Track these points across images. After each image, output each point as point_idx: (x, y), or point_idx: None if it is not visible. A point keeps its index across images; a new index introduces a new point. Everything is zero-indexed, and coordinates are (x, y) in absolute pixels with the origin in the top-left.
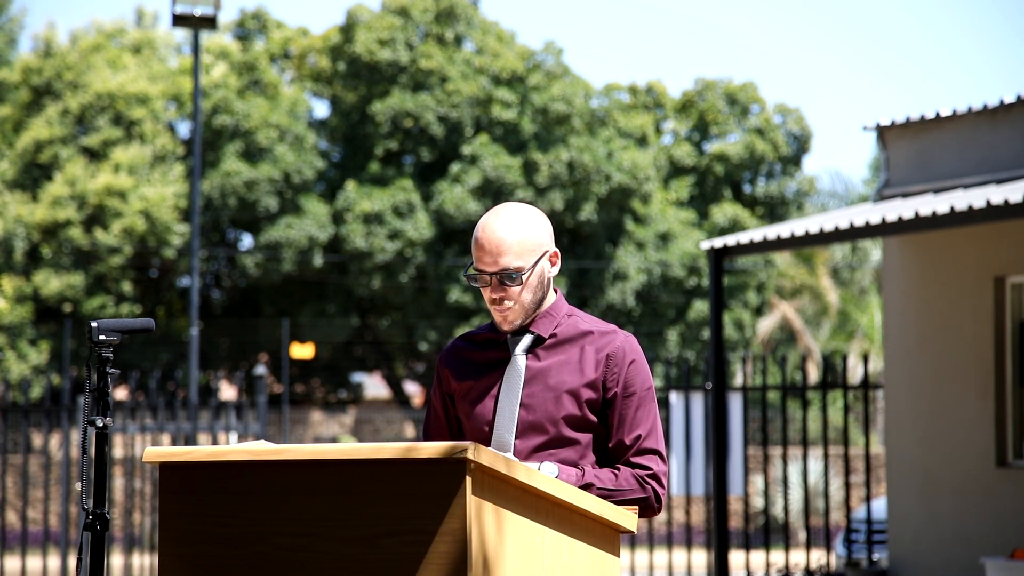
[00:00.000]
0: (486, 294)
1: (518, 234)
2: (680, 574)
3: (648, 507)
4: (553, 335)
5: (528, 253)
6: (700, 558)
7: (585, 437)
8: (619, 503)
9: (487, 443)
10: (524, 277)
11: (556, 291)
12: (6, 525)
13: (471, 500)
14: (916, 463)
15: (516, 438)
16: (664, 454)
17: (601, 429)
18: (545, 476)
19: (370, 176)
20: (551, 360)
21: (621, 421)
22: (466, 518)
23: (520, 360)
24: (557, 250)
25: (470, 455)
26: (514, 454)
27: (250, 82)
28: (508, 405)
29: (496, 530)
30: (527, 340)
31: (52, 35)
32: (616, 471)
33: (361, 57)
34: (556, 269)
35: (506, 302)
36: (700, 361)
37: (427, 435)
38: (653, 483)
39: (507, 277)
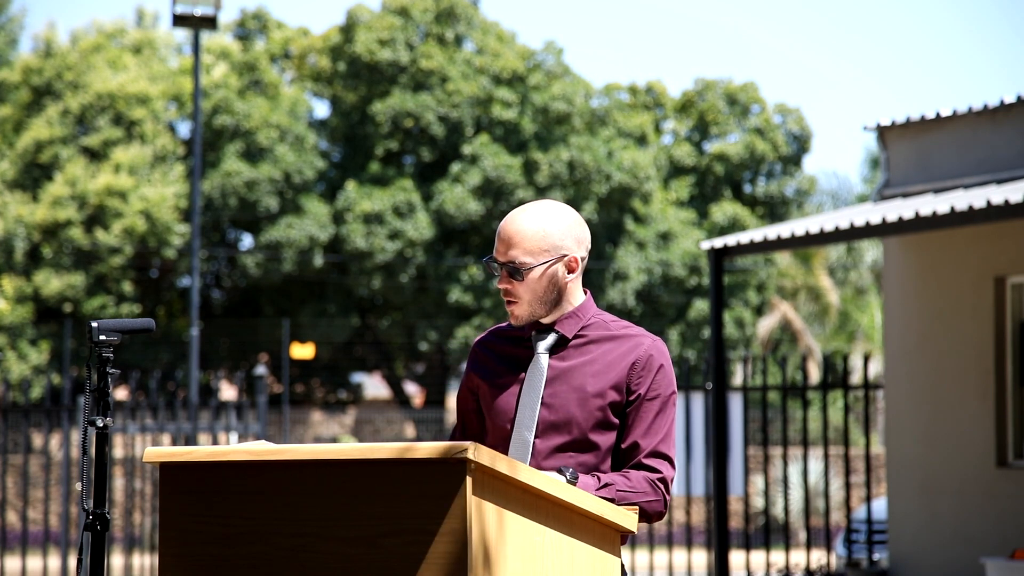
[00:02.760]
0: (498, 283)
1: (534, 231)
2: (680, 574)
3: (656, 512)
4: (578, 336)
5: (539, 252)
6: (700, 558)
7: (606, 440)
8: (635, 508)
9: (507, 440)
10: (527, 273)
11: (586, 292)
12: (6, 525)
13: (471, 500)
14: (916, 463)
15: (536, 437)
16: (674, 461)
17: (620, 433)
18: (546, 476)
19: (370, 176)
20: (576, 361)
21: (640, 422)
22: (466, 518)
23: (543, 359)
24: (580, 256)
25: (470, 455)
26: (534, 453)
27: (250, 82)
28: (529, 403)
29: (496, 530)
30: (551, 339)
31: (52, 35)
32: (627, 475)
33: (361, 57)
34: (575, 276)
35: (510, 295)
36: (700, 361)
37: (458, 420)
38: (662, 487)
39: (513, 270)
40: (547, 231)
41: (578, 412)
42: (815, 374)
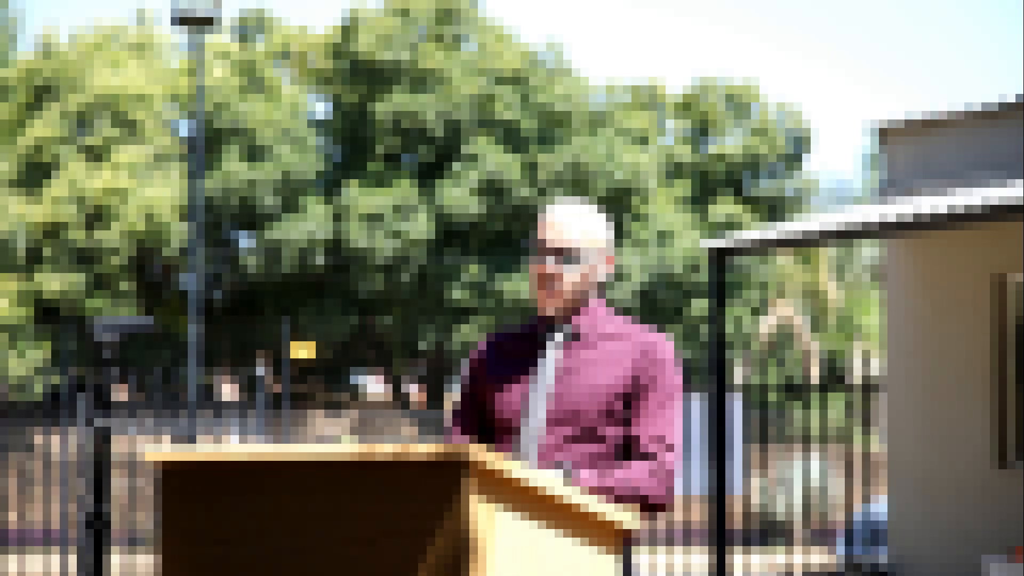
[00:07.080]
0: (537, 271)
1: (591, 222)
2: (680, 574)
3: (658, 498)
4: (589, 332)
5: (588, 243)
6: (700, 558)
7: (614, 432)
8: (637, 498)
9: (516, 433)
10: (577, 261)
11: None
12: (7, 525)
13: (471, 500)
14: (917, 462)
15: (546, 430)
16: (674, 447)
17: (626, 426)
18: (546, 475)
19: (370, 175)
20: (585, 356)
21: (643, 414)
22: (466, 518)
23: (552, 354)
24: (613, 255)
25: (469, 456)
26: (543, 447)
27: (250, 82)
28: (538, 397)
29: (496, 530)
30: (562, 334)
31: (52, 35)
32: (630, 468)
33: (361, 57)
34: (606, 275)
35: (554, 282)
36: (700, 360)
37: (456, 422)
38: (667, 479)
39: (566, 255)
40: (600, 226)
41: (587, 405)
42: (815, 373)
